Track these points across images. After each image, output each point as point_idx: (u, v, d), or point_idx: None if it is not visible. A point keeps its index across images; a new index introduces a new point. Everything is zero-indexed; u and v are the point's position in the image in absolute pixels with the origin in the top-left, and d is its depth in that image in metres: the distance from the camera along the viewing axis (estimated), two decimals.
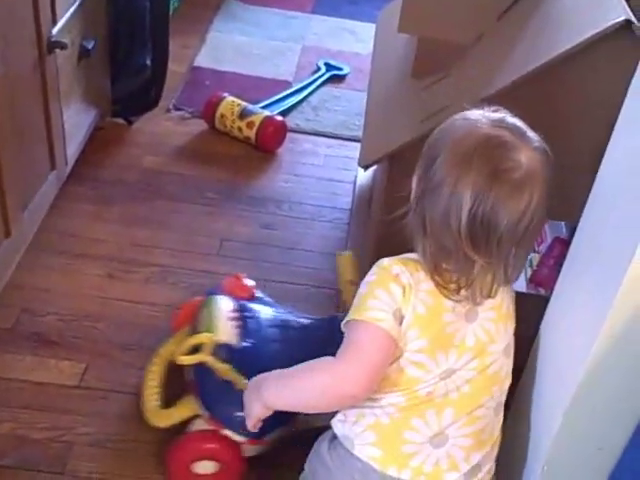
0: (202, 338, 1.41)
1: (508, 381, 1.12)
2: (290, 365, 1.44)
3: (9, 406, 1.57)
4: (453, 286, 1.04)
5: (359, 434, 1.08)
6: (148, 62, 2.34)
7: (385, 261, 1.07)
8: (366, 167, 1.63)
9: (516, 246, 1.01)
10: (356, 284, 1.42)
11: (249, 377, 1.39)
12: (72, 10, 1.90)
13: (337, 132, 2.55)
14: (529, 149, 1.01)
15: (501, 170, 0.98)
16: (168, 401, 1.51)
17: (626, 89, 1.00)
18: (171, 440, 1.45)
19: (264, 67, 2.86)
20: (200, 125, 2.48)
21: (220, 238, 2.06)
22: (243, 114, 2.40)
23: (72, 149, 2.04)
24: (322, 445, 1.16)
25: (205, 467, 1.44)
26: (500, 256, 1.01)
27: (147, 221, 2.09)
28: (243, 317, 1.52)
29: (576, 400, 0.92)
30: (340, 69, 2.86)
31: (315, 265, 2.03)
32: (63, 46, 1.79)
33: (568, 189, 1.34)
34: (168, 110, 2.53)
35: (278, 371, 1.15)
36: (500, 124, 1.03)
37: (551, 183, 1.03)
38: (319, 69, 2.84)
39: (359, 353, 1.04)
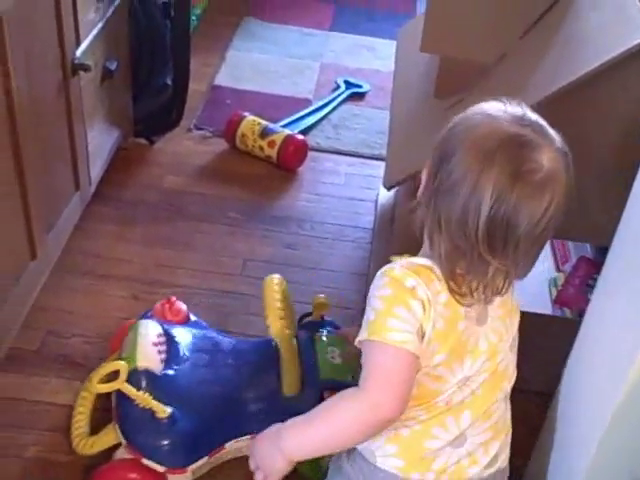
0: (115, 365, 1.37)
1: (514, 374, 1.12)
2: (218, 389, 1.44)
3: (35, 428, 1.57)
4: (465, 289, 1.02)
5: (379, 447, 1.07)
6: (169, 82, 2.35)
7: (396, 270, 1.02)
8: (390, 188, 1.62)
9: (531, 246, 1.00)
10: (283, 310, 1.41)
11: (172, 404, 1.39)
12: (95, 32, 1.91)
13: (358, 150, 2.55)
14: (551, 150, 0.99)
15: (523, 171, 0.96)
16: (99, 428, 1.49)
17: None
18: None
19: (283, 85, 2.87)
20: (221, 144, 2.49)
21: (243, 258, 2.06)
22: (264, 133, 2.40)
23: (95, 170, 2.05)
24: (342, 458, 1.14)
25: None
26: (516, 258, 0.99)
27: (170, 241, 2.10)
28: (169, 342, 1.50)
29: (611, 428, 0.91)
30: (360, 86, 2.86)
31: (338, 285, 2.02)
32: (87, 68, 1.79)
33: (596, 211, 1.34)
34: (189, 129, 2.54)
35: (295, 420, 1.08)
36: (522, 121, 1.00)
37: (571, 184, 1.00)
38: (339, 87, 2.85)
39: (388, 377, 1.00)
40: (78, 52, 1.80)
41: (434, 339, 1.01)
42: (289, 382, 1.44)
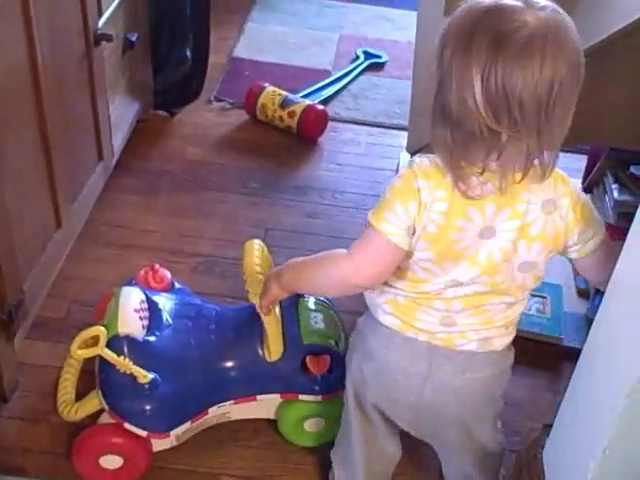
0: (95, 331, 1.37)
1: (523, 297, 1.17)
2: (201, 355, 1.46)
3: None
4: (477, 172, 1.03)
5: (380, 304, 1.19)
6: (189, 54, 2.35)
7: (414, 166, 1.08)
8: (413, 153, 1.62)
9: (539, 112, 0.98)
10: (262, 274, 1.41)
11: (154, 370, 1.40)
12: (116, 3, 1.92)
13: (378, 120, 2.55)
14: (535, 9, 0.98)
15: (504, 33, 0.96)
16: (87, 390, 1.51)
17: None
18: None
19: (302, 57, 2.87)
20: (241, 115, 2.50)
21: (265, 227, 2.08)
22: (284, 103, 2.41)
23: (118, 141, 2.06)
24: (359, 319, 1.27)
25: (113, 462, 1.43)
26: (528, 125, 0.99)
27: (192, 211, 2.11)
28: (152, 309, 1.51)
29: None
30: (379, 57, 2.85)
31: None
32: (109, 38, 1.80)
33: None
34: (209, 101, 2.55)
35: (297, 260, 1.23)
36: None
37: (575, 48, 0.99)
38: (358, 57, 2.84)
39: (371, 255, 1.12)
40: (100, 22, 1.81)
41: (422, 239, 1.09)
42: (271, 347, 1.45)
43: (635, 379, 0.91)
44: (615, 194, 1.94)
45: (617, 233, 1.62)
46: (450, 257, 1.10)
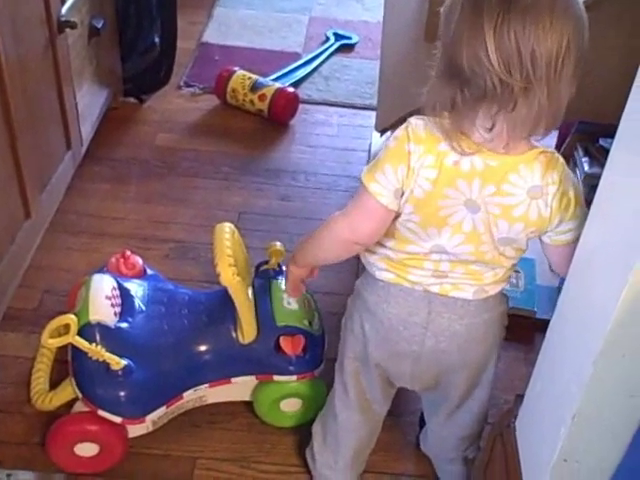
0: (65, 319, 1.35)
1: (513, 259, 1.18)
2: (174, 340, 1.46)
3: None
4: (487, 128, 1.03)
5: (374, 262, 1.22)
6: (157, 40, 2.33)
7: (410, 128, 1.08)
8: (382, 131, 1.62)
9: (554, 72, 0.99)
10: (233, 257, 1.41)
11: (127, 356, 1.40)
12: None
13: (349, 101, 2.55)
14: None
15: None
16: (61, 379, 1.50)
17: None
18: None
19: (272, 40, 2.86)
20: (212, 100, 2.49)
21: (238, 211, 2.07)
22: (254, 87, 2.40)
23: (86, 129, 2.04)
24: (357, 281, 1.29)
25: (88, 449, 1.43)
26: (539, 79, 0.99)
27: (164, 198, 2.10)
28: (124, 295, 1.50)
29: (606, 348, 0.91)
30: (349, 38, 2.85)
31: None
32: (73, 25, 1.78)
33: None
34: (179, 87, 2.54)
35: (307, 235, 1.27)
36: None
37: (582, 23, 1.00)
38: (328, 39, 2.84)
39: (359, 213, 1.16)
40: (64, 9, 1.79)
41: (410, 202, 1.11)
42: (244, 329, 1.44)
43: (599, 347, 0.92)
44: (586, 167, 1.95)
45: (589, 206, 1.63)
46: (434, 223, 1.12)
